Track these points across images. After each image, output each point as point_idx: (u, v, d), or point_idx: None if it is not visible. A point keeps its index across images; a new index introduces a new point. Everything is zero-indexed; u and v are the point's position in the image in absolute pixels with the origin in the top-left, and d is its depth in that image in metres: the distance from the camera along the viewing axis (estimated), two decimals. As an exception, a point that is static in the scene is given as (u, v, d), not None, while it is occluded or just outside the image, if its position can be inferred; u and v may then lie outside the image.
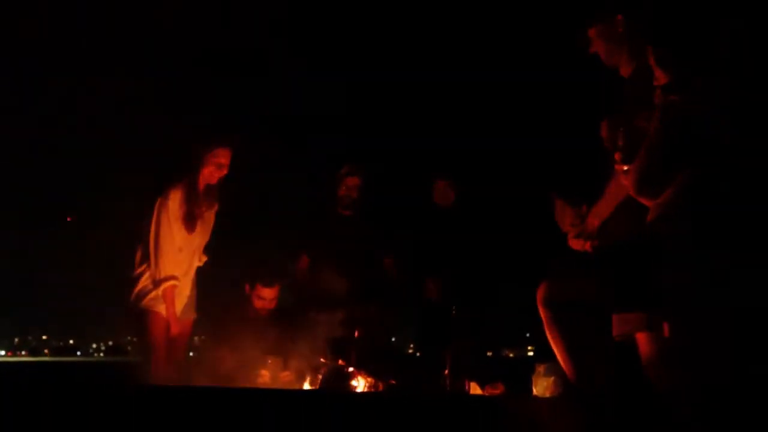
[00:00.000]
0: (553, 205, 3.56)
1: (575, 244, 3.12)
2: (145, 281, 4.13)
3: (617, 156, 2.66)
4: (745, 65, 2.38)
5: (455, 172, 5.22)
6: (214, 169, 4.23)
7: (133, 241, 4.25)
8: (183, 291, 4.23)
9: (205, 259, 4.41)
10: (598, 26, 3.05)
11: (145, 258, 4.15)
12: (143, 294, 4.11)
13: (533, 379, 3.62)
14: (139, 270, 4.16)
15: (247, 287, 4.66)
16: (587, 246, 3.07)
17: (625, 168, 2.63)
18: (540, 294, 2.96)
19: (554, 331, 2.94)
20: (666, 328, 2.35)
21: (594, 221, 3.04)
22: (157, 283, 4.07)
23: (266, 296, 4.60)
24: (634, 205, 2.60)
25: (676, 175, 2.37)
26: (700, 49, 2.43)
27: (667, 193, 2.39)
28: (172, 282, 4.09)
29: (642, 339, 2.77)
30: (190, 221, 4.17)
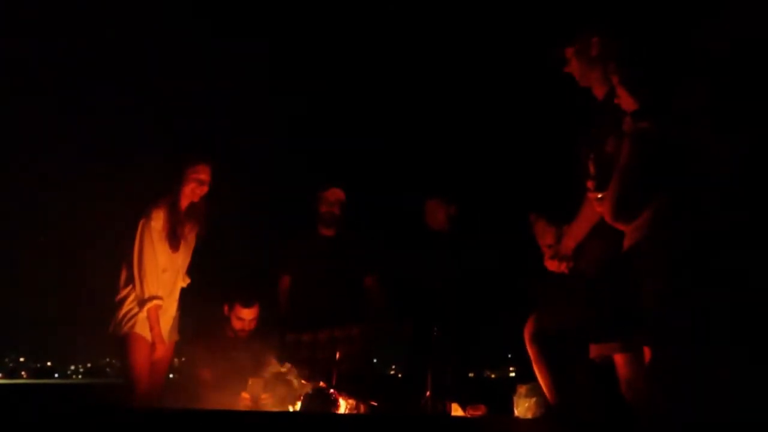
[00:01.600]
0: (533, 226, 3.58)
1: (551, 265, 3.14)
2: (130, 304, 4.09)
3: (590, 184, 2.69)
4: (717, 91, 2.41)
5: (446, 192, 5.23)
6: (195, 186, 4.23)
7: (116, 262, 4.22)
8: (168, 312, 4.20)
9: (188, 280, 4.38)
10: (574, 46, 3.10)
11: (129, 280, 4.12)
12: (128, 317, 4.07)
13: (515, 399, 3.61)
14: (124, 293, 4.12)
15: (226, 308, 4.63)
16: (563, 267, 3.09)
17: (599, 195, 2.65)
18: (527, 331, 2.95)
19: (542, 366, 2.93)
20: (646, 353, 2.37)
21: (569, 243, 3.06)
22: (141, 304, 4.04)
23: (245, 317, 4.57)
24: (609, 227, 2.62)
25: (650, 200, 2.39)
26: (669, 76, 2.46)
27: (643, 217, 2.41)
28: (156, 302, 4.06)
29: (620, 360, 2.78)
30: (173, 240, 4.16)
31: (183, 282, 4.35)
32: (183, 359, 4.72)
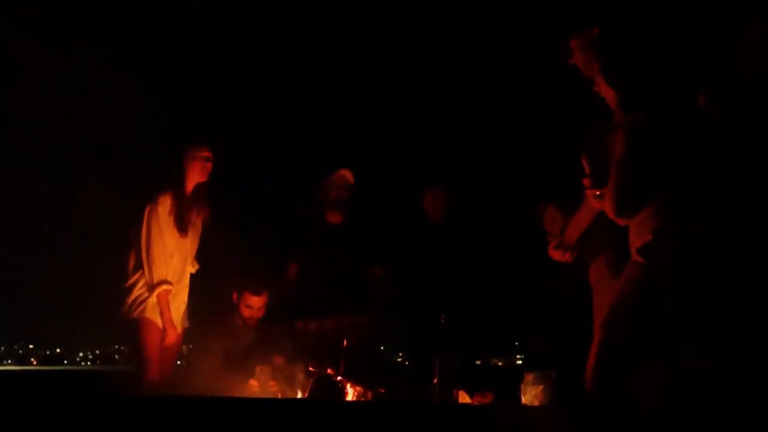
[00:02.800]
0: (542, 214, 3.57)
1: (555, 254, 3.13)
2: (139, 290, 4.10)
3: (585, 182, 2.67)
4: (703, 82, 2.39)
5: (445, 181, 5.23)
6: (201, 165, 4.26)
7: (124, 249, 4.23)
8: (178, 297, 4.22)
9: (197, 266, 4.39)
10: (578, 37, 3.09)
11: (138, 266, 4.13)
12: (138, 303, 4.08)
13: (522, 387, 3.62)
14: (133, 279, 4.13)
15: (235, 296, 4.64)
16: (567, 256, 3.09)
17: (597, 193, 2.63)
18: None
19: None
20: None
21: (573, 233, 3.06)
22: (150, 289, 4.05)
23: (254, 305, 4.58)
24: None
25: (652, 193, 2.37)
26: (656, 69, 2.44)
27: (646, 211, 2.38)
28: (165, 287, 4.07)
29: None
30: (181, 225, 4.17)
31: (192, 268, 4.36)
32: (191, 346, 4.74)
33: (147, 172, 4.52)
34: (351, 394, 3.80)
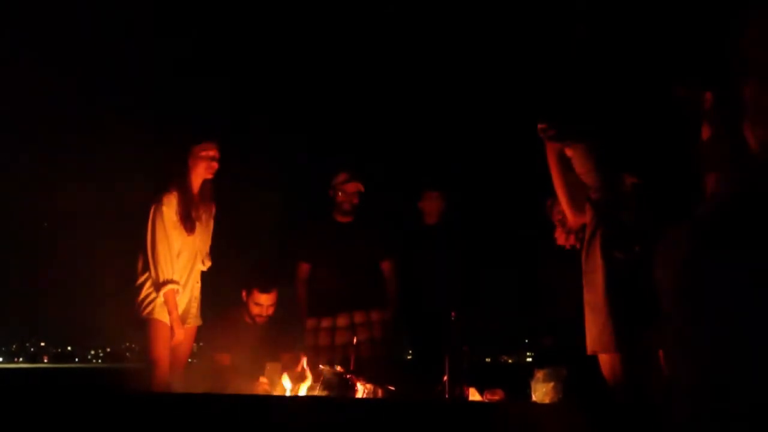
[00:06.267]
0: (552, 206, 3.56)
1: (560, 238, 3.16)
2: (147, 289, 4.11)
3: None
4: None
5: (444, 184, 5.25)
6: (206, 165, 4.24)
7: (134, 249, 4.24)
8: (188, 294, 4.22)
9: (209, 263, 4.39)
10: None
11: (147, 266, 4.13)
12: (147, 302, 4.09)
13: (532, 385, 3.61)
14: (142, 279, 4.14)
15: (244, 293, 4.65)
16: (571, 240, 3.11)
17: None
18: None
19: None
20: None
21: (578, 220, 3.07)
22: (157, 288, 4.06)
23: (263, 302, 4.59)
24: None
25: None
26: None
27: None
28: (171, 286, 4.07)
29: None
30: (188, 223, 4.17)
31: (203, 265, 4.36)
32: (201, 344, 4.75)
33: (154, 171, 4.52)
34: (361, 391, 3.80)
